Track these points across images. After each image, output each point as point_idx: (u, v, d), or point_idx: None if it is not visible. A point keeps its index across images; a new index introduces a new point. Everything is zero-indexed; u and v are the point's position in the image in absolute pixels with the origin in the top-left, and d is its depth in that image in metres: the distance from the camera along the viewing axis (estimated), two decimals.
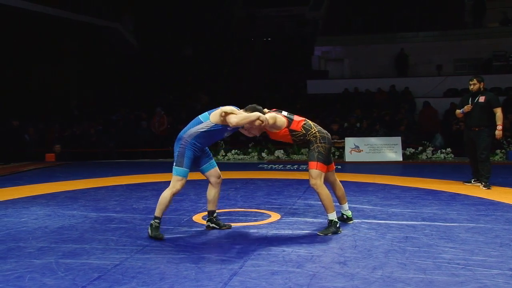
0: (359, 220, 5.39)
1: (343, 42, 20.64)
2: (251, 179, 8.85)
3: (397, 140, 12.12)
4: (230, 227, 5.11)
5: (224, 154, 12.79)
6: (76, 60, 19.54)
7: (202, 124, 4.74)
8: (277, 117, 4.80)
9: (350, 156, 12.01)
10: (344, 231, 4.91)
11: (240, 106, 4.95)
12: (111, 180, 8.85)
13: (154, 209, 6.07)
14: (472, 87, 7.79)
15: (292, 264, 3.88)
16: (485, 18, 19.86)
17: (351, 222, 5.22)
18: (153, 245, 4.47)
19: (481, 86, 7.77)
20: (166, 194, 4.75)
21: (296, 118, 4.90)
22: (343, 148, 12.24)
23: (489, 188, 7.44)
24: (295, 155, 12.59)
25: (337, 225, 4.80)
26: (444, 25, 19.90)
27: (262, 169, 10.71)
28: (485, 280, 3.46)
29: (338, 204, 5.25)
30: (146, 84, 19.90)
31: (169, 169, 5.15)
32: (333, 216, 4.79)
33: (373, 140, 12.25)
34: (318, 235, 4.73)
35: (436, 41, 19.56)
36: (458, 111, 8.00)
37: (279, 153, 12.62)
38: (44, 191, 7.65)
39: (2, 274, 3.73)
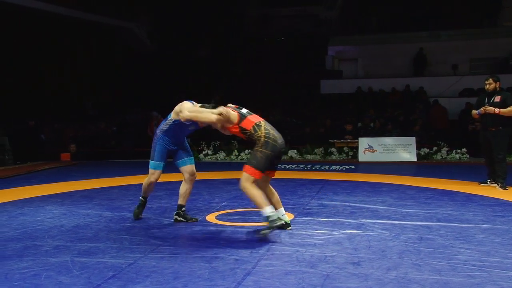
0: (372, 221, 5.35)
1: (357, 42, 20.54)
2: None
3: (411, 140, 12.04)
4: (197, 220, 5.37)
5: (237, 153, 12.80)
6: (91, 61, 19.71)
7: (167, 120, 5.13)
8: (230, 113, 4.71)
9: (363, 156, 11.95)
10: (358, 231, 4.88)
11: (254, 105, 5.00)
12: (125, 180, 8.91)
13: (167, 209, 6.16)
14: (488, 86, 7.70)
15: (306, 264, 3.87)
16: (502, 17, 19.63)
17: (289, 228, 4.87)
18: (166, 245, 4.49)
19: (497, 86, 7.68)
20: (144, 183, 5.44)
21: (251, 117, 4.70)
22: (357, 148, 12.18)
23: (505, 189, 7.35)
24: (309, 155, 12.55)
25: (275, 218, 4.50)
26: (460, 24, 19.70)
27: (284, 169, 10.68)
28: (501, 282, 3.42)
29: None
30: (160, 85, 20.00)
31: (165, 168, 5.32)
32: (267, 210, 4.50)
33: (387, 140, 12.17)
34: (260, 235, 4.52)
35: (451, 40, 19.37)
36: (474, 111, 7.91)
37: (292, 153, 12.60)
38: (60, 190, 7.73)
39: (19, 272, 3.78)
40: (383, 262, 3.88)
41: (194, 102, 5.12)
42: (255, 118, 4.72)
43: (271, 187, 4.87)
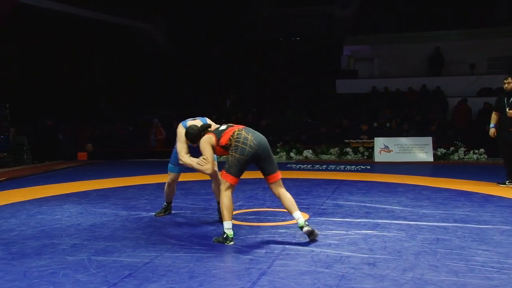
0: (388, 221, 5.32)
1: (373, 42, 20.40)
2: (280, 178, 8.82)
3: (428, 140, 11.92)
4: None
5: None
6: (107, 61, 19.89)
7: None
8: (210, 139, 4.64)
9: (379, 156, 11.87)
10: (374, 232, 4.86)
11: (268, 105, 5.01)
12: (141, 179, 8.98)
13: (182, 208, 6.19)
14: (506, 86, 7.60)
15: (321, 264, 3.86)
16: None
17: (305, 230, 4.49)
18: (182, 244, 4.52)
19: None
20: (165, 185, 5.68)
21: (227, 131, 4.61)
22: (373, 148, 12.11)
23: None
24: (324, 155, 12.51)
25: (228, 237, 4.43)
26: (477, 23, 19.45)
27: (291, 168, 10.68)
28: None
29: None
30: (176, 85, 20.11)
31: (184, 170, 5.38)
32: (226, 225, 4.46)
33: (403, 140, 12.08)
34: (213, 241, 4.56)
35: (469, 39, 19.13)
36: (492, 130, 7.82)
37: (307, 153, 12.57)
38: (77, 189, 7.82)
39: (37, 270, 3.84)
40: (399, 263, 3.86)
41: (207, 120, 5.18)
42: (231, 130, 4.62)
43: (283, 191, 4.63)
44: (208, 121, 5.18)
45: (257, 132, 4.67)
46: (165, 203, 5.83)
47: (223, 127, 4.75)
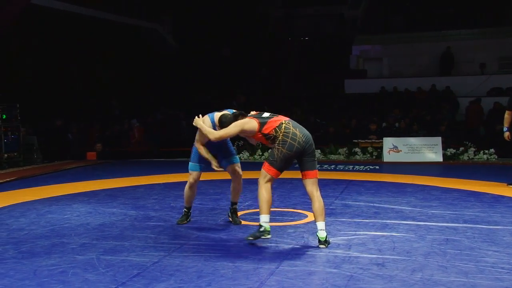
0: (397, 222, 5.29)
1: (382, 41, 20.30)
2: (288, 178, 8.80)
3: (437, 140, 11.83)
4: (240, 223, 5.36)
5: (261, 153, 12.81)
6: (116, 61, 19.97)
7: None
8: (245, 124, 4.54)
9: (388, 156, 11.81)
10: (382, 232, 4.84)
11: (277, 105, 5.01)
12: (149, 179, 9.01)
13: (191, 208, 6.18)
14: None
15: (329, 264, 3.85)
16: None
17: (323, 246, 4.33)
18: (190, 244, 4.53)
19: None
20: (185, 187, 5.37)
21: (273, 121, 4.52)
22: (381, 148, 12.05)
23: None
24: (332, 155, 12.47)
25: (265, 230, 4.33)
26: (488, 22, 19.29)
27: (299, 168, 10.64)
28: None
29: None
30: (184, 84, 20.14)
31: (205, 169, 5.29)
32: (262, 219, 4.35)
33: (412, 140, 12.01)
34: (246, 240, 4.44)
35: (479, 38, 18.98)
36: (506, 134, 7.76)
37: (316, 152, 12.55)
38: (86, 189, 7.86)
39: (47, 268, 3.86)
40: (408, 264, 3.84)
41: (227, 111, 5.06)
42: (277, 120, 4.54)
43: (317, 193, 4.49)
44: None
45: (303, 128, 4.62)
46: (185, 208, 5.45)
47: (266, 114, 4.67)
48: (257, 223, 5.28)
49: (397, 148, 11.84)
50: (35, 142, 12.18)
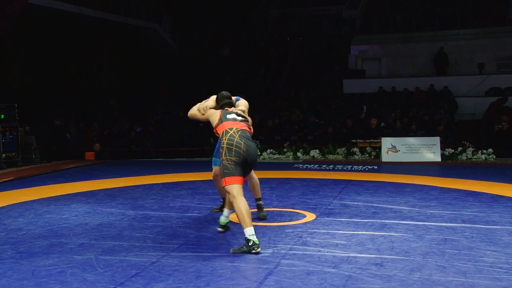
0: (395, 221, 5.29)
1: (381, 41, 20.33)
2: (286, 178, 8.82)
3: (436, 140, 11.84)
4: (265, 217, 5.53)
5: (259, 153, 12.81)
6: (115, 61, 19.97)
7: None
8: (211, 115, 4.88)
9: (386, 156, 11.82)
10: (381, 232, 4.84)
11: (276, 105, 5.05)
12: (148, 179, 9.00)
13: (190, 208, 6.18)
14: None
15: (328, 264, 3.85)
16: None
17: (221, 230, 4.84)
18: (189, 244, 4.52)
19: None
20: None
21: (226, 123, 4.64)
22: (380, 148, 12.06)
23: None
24: (331, 155, 12.48)
25: (253, 244, 4.14)
26: (486, 22, 19.30)
27: (297, 168, 10.66)
28: None
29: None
30: (183, 84, 20.14)
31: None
32: (248, 231, 4.20)
33: (411, 140, 12.01)
34: (232, 251, 4.25)
35: (478, 38, 19.00)
36: None
37: (314, 152, 12.54)
38: (84, 189, 7.85)
39: (46, 269, 3.86)
40: (406, 263, 3.84)
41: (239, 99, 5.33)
42: (229, 126, 4.61)
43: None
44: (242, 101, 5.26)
45: (252, 143, 4.61)
46: (222, 200, 5.71)
47: (231, 115, 4.76)
48: (255, 223, 5.28)
49: (395, 148, 11.84)
50: (33, 142, 12.16)
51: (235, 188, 4.37)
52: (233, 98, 5.22)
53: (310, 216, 5.62)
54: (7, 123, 11.24)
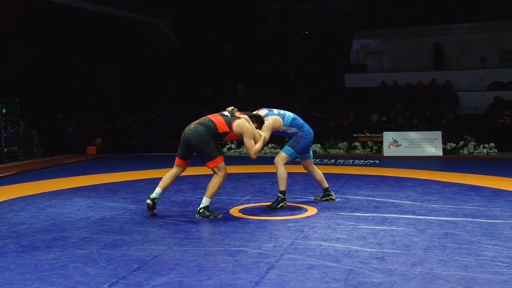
0: (397, 216, 5.30)
1: (383, 35, 20.26)
2: (288, 173, 8.81)
3: (437, 134, 11.83)
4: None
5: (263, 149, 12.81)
6: (116, 55, 19.93)
7: None
8: (255, 130, 5.47)
9: (388, 150, 11.82)
10: (382, 226, 4.84)
11: (278, 99, 5.14)
12: (150, 173, 9.00)
13: (191, 202, 6.20)
14: None
15: (329, 258, 3.86)
16: None
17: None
18: (191, 238, 4.53)
19: None
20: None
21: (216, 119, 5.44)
22: (381, 142, 12.05)
23: None
24: (332, 149, 12.48)
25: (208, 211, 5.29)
26: (488, 16, 19.22)
27: (299, 163, 10.64)
28: None
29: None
30: (185, 79, 20.11)
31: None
32: (206, 202, 5.34)
33: (412, 134, 12.01)
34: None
35: (480, 32, 18.93)
36: None
37: (316, 147, 12.54)
38: (86, 183, 7.86)
39: (48, 262, 3.87)
40: (407, 257, 3.85)
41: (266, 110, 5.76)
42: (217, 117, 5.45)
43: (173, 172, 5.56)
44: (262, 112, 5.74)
45: (199, 126, 5.31)
46: (282, 195, 5.90)
47: (224, 113, 5.49)
48: (257, 217, 5.30)
49: (397, 143, 11.84)
50: (35, 136, 12.18)
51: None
52: (265, 110, 5.75)
53: (311, 210, 5.63)
54: (9, 117, 11.26)
